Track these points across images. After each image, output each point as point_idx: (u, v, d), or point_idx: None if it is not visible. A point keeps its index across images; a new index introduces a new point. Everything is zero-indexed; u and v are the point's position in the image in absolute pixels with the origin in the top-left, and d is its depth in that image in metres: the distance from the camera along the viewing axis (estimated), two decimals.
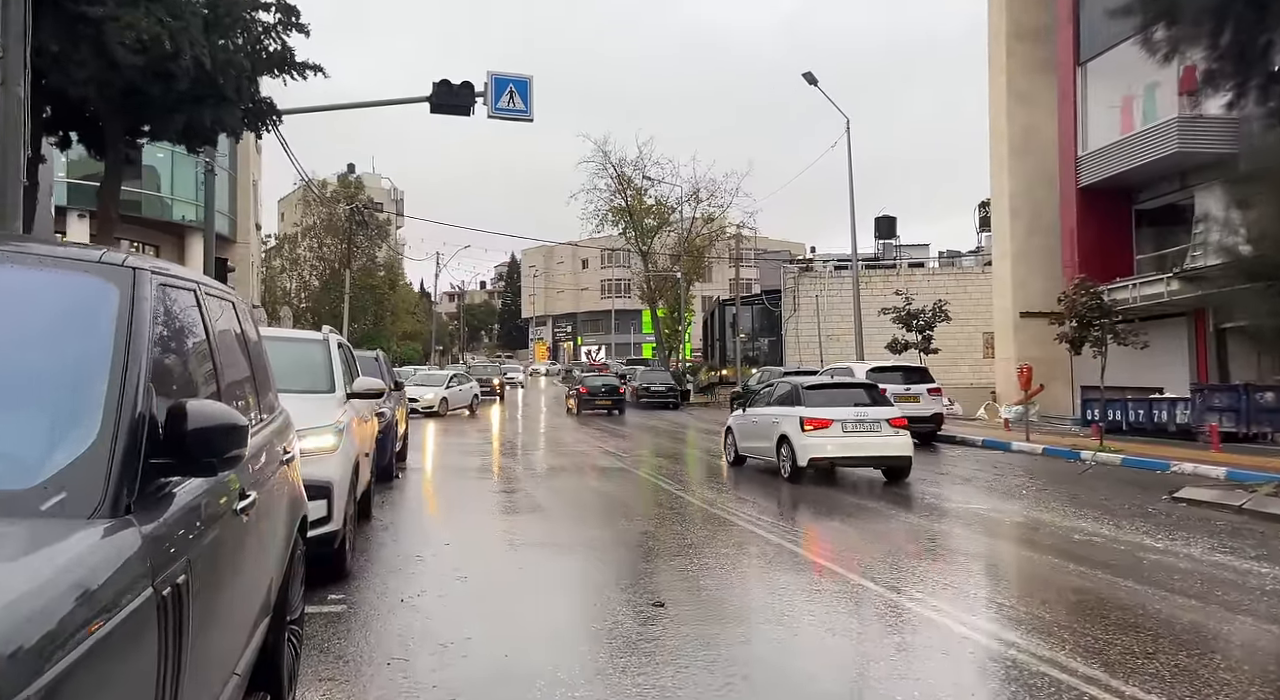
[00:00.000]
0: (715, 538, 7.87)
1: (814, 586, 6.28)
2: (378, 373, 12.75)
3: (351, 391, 7.08)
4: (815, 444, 11.85)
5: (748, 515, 9.03)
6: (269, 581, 3.16)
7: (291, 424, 4.33)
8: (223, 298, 3.36)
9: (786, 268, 37.06)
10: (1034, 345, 26.64)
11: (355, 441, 6.70)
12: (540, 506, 9.96)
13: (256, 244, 41.39)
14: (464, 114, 16.28)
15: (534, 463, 14.99)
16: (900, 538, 8.13)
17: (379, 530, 8.19)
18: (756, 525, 8.47)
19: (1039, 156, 27.00)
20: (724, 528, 8.40)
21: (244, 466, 2.72)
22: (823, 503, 10.25)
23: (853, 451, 12.06)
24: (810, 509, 9.86)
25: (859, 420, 12.14)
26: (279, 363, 7.30)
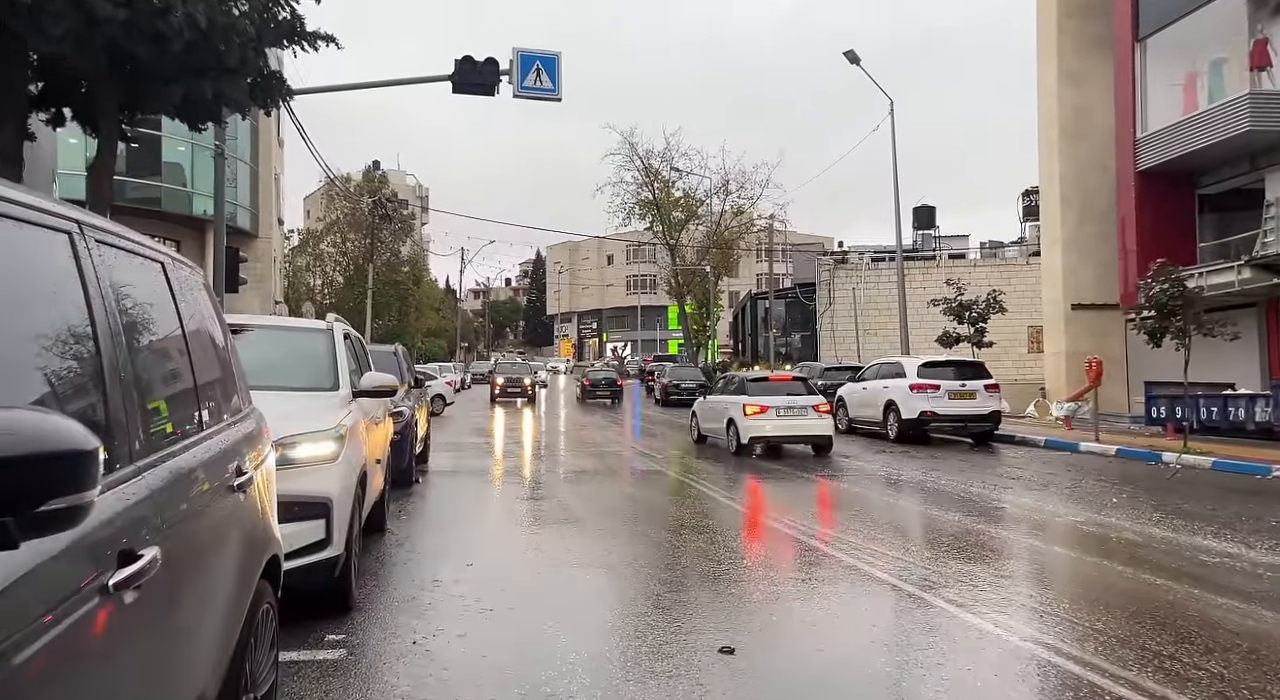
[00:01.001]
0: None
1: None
2: (395, 369, 11.85)
3: (359, 389, 6.08)
4: (755, 425, 14.75)
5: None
6: (200, 675, 2.14)
7: (262, 431, 3.31)
8: (142, 255, 2.35)
9: (821, 260, 35.80)
10: (1086, 338, 25.31)
11: (362, 448, 5.70)
12: (571, 516, 8.94)
13: (279, 239, 40.77)
14: (488, 93, 15.29)
15: (558, 462, 13.99)
16: (1023, 570, 7.01)
17: (393, 547, 7.20)
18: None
19: (1092, 140, 25.61)
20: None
21: (121, 516, 1.70)
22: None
23: (785, 431, 14.91)
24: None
25: (789, 407, 14.94)
26: (274, 356, 6.33)
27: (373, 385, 6.13)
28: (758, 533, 8.11)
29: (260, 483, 3.07)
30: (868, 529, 8.15)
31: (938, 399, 16.33)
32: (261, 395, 5.55)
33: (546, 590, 5.90)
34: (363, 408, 6.14)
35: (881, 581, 6.16)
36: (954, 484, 11.23)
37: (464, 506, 9.70)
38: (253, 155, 35.15)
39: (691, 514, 9.11)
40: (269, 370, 5.94)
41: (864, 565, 6.63)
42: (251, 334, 6.24)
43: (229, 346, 3.29)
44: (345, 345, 6.54)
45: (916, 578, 6.24)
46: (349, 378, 6.10)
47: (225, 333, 3.28)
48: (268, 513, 3.08)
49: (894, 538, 7.77)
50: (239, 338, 6.47)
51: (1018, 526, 8.48)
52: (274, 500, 3.33)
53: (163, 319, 2.37)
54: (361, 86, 14.83)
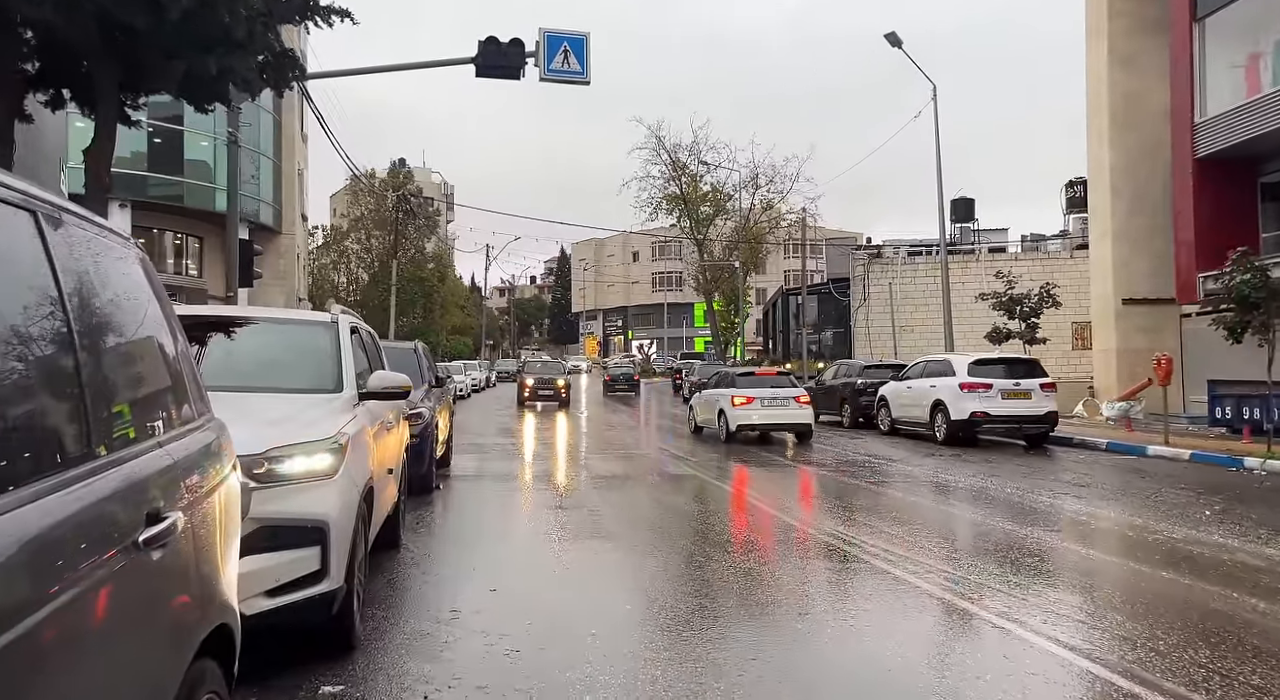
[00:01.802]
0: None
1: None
2: (414, 367, 11.10)
3: (366, 390, 5.29)
4: (742, 414, 16.48)
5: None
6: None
7: (221, 449, 2.52)
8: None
9: (855, 255, 34.72)
10: (1138, 335, 24.12)
11: (368, 458, 4.92)
12: (602, 529, 8.14)
13: (303, 235, 40.37)
14: (513, 77, 14.52)
15: (586, 465, 13.20)
16: (1140, 607, 6.10)
17: (408, 566, 6.42)
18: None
19: (1144, 127, 24.38)
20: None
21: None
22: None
23: (769, 420, 16.64)
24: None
25: (773, 398, 16.64)
26: (269, 353, 5.53)
27: (382, 386, 5.34)
28: (817, 554, 7.25)
29: (210, 520, 2.28)
30: (937, 546, 7.26)
31: (990, 399, 15.35)
32: (250, 399, 4.79)
33: (578, 623, 5.09)
34: (371, 412, 5.36)
35: (981, 619, 5.28)
36: (1020, 492, 10.28)
37: (487, 517, 8.92)
38: (275, 150, 34.72)
39: (736, 526, 8.27)
40: (262, 369, 5.19)
41: (957, 600, 5.76)
42: (243, 328, 5.49)
43: (172, 340, 2.49)
44: (353, 341, 5.77)
45: (1030, 622, 5.36)
46: (355, 378, 5.32)
47: (166, 323, 2.48)
48: (216, 562, 2.28)
49: (970, 558, 6.87)
50: (229, 332, 5.76)
51: (1107, 545, 7.55)
52: (231, 540, 2.54)
53: (25, 294, 1.57)
54: (381, 69, 14.10)
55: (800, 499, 10.09)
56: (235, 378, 4.98)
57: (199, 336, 5.22)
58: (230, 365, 5.09)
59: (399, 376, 5.46)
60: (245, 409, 4.50)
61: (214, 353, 5.16)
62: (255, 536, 3.86)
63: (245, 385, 4.89)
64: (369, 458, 4.93)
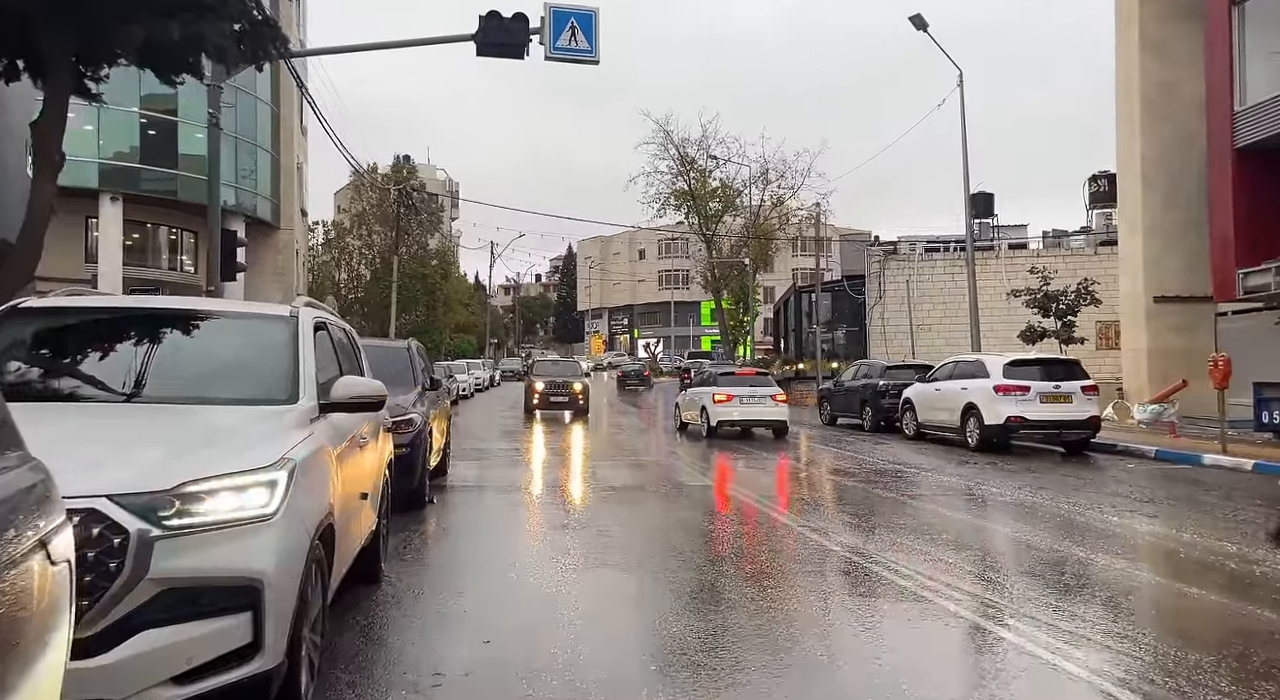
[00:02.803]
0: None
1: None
2: (407, 369, 10.13)
3: (329, 401, 4.29)
4: (723, 411, 17.55)
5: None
6: None
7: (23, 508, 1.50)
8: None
9: (870, 251, 33.64)
10: (1170, 334, 23.03)
11: (328, 487, 3.90)
12: (616, 555, 7.14)
13: (302, 231, 39.40)
14: (517, 55, 13.53)
15: (593, 474, 12.20)
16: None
17: (387, 607, 5.41)
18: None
19: (1178, 116, 23.26)
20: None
21: None
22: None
23: (747, 417, 17.76)
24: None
25: (751, 396, 17.76)
26: (212, 355, 4.46)
27: (349, 396, 4.33)
28: (862, 585, 6.23)
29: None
30: (1004, 579, 6.23)
31: (1027, 403, 14.29)
32: (172, 414, 3.78)
33: (590, 688, 4.08)
34: (336, 427, 4.35)
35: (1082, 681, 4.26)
36: (1078, 509, 9.24)
37: (484, 539, 7.90)
38: (273, 143, 33.75)
39: (771, 553, 7.26)
40: (197, 375, 4.20)
41: (1058, 660, 4.74)
42: (177, 324, 4.49)
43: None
44: (319, 339, 4.76)
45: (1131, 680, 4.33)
46: (316, 385, 4.31)
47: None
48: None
49: (1045, 595, 5.84)
50: (160, 329, 4.74)
51: (1209, 581, 6.50)
52: (28, 654, 1.53)
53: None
54: (375, 47, 13.12)
55: (837, 518, 9.06)
56: (160, 386, 3.99)
57: (117, 334, 4.22)
58: (155, 370, 4.09)
59: (370, 384, 4.46)
60: (162, 428, 3.49)
61: (135, 355, 4.16)
62: (159, 603, 2.88)
63: (170, 396, 3.89)
64: (329, 486, 3.92)
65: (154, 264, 31.05)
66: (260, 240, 32.86)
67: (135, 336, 4.38)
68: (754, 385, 18.32)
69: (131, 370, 3.98)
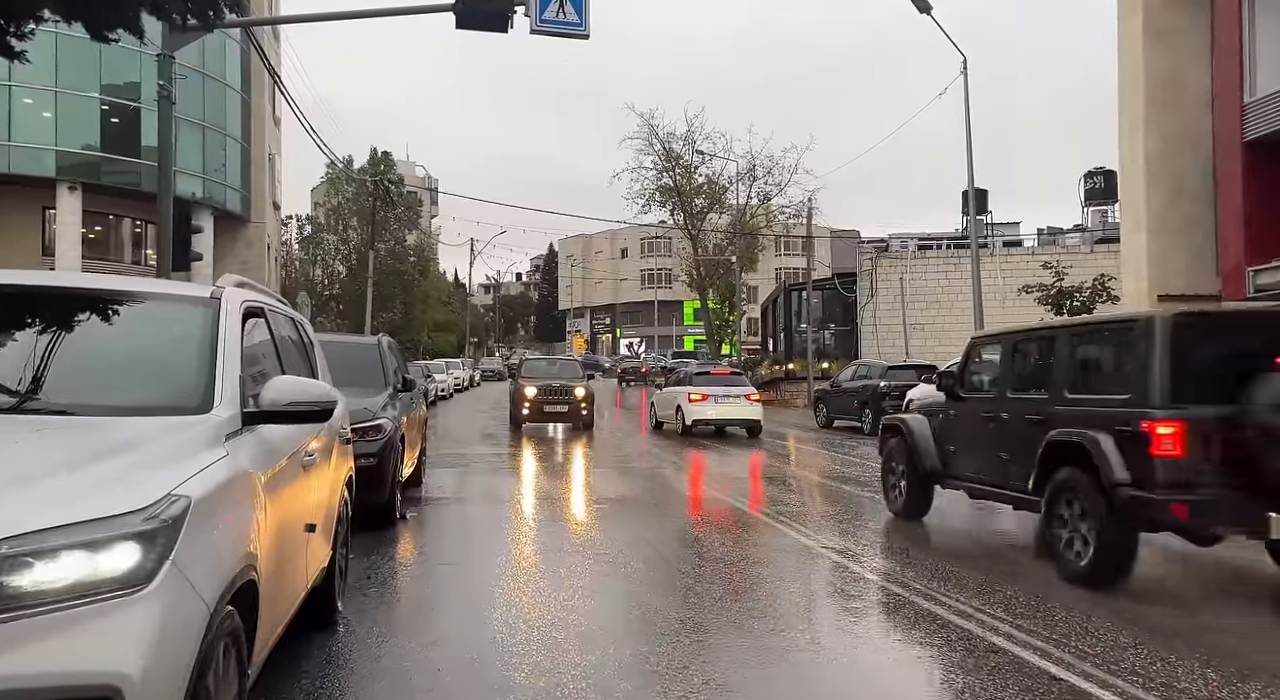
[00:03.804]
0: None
1: None
2: (377, 368, 9.05)
3: (257, 409, 3.22)
4: (698, 410, 17.56)
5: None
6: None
7: None
8: None
9: (862, 249, 32.81)
10: None
11: (250, 530, 2.85)
12: (612, 581, 6.11)
13: (274, 225, 38.02)
14: (500, 28, 12.44)
15: (583, 482, 11.17)
16: None
17: (336, 666, 4.33)
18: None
19: (1183, 109, 22.49)
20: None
21: None
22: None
23: (722, 416, 17.89)
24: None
25: (726, 395, 17.87)
26: (94, 348, 3.35)
27: (285, 402, 3.26)
28: (901, 616, 5.24)
29: None
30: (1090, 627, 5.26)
31: None
32: (29, 429, 2.70)
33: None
34: (266, 444, 3.29)
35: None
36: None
37: (461, 567, 6.81)
38: (243, 132, 32.42)
39: (803, 587, 6.25)
40: (75, 376, 3.12)
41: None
42: (56, 306, 3.39)
43: None
44: (250, 330, 3.69)
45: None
46: (240, 390, 3.24)
47: None
48: None
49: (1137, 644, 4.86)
50: (34, 313, 3.64)
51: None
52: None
53: None
54: (347, 16, 12.01)
55: (865, 539, 8.07)
56: (9, 392, 2.90)
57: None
58: (4, 369, 3.00)
59: (312, 387, 3.38)
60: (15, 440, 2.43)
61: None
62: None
63: (24, 404, 2.82)
64: (250, 526, 2.86)
65: (116, 257, 29.64)
66: (229, 233, 31.55)
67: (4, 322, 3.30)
68: (728, 385, 18.52)
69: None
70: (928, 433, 8.44)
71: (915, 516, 8.62)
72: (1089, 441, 6.05)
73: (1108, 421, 6.06)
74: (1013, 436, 7.11)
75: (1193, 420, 5.70)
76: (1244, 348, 5.87)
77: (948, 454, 8.16)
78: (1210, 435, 5.72)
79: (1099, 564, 5.94)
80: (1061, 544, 6.27)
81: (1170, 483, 5.66)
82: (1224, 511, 5.72)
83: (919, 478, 8.40)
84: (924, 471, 8.33)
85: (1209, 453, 5.72)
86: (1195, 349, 5.93)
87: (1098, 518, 5.94)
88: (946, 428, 8.26)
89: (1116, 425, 5.97)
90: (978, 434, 7.72)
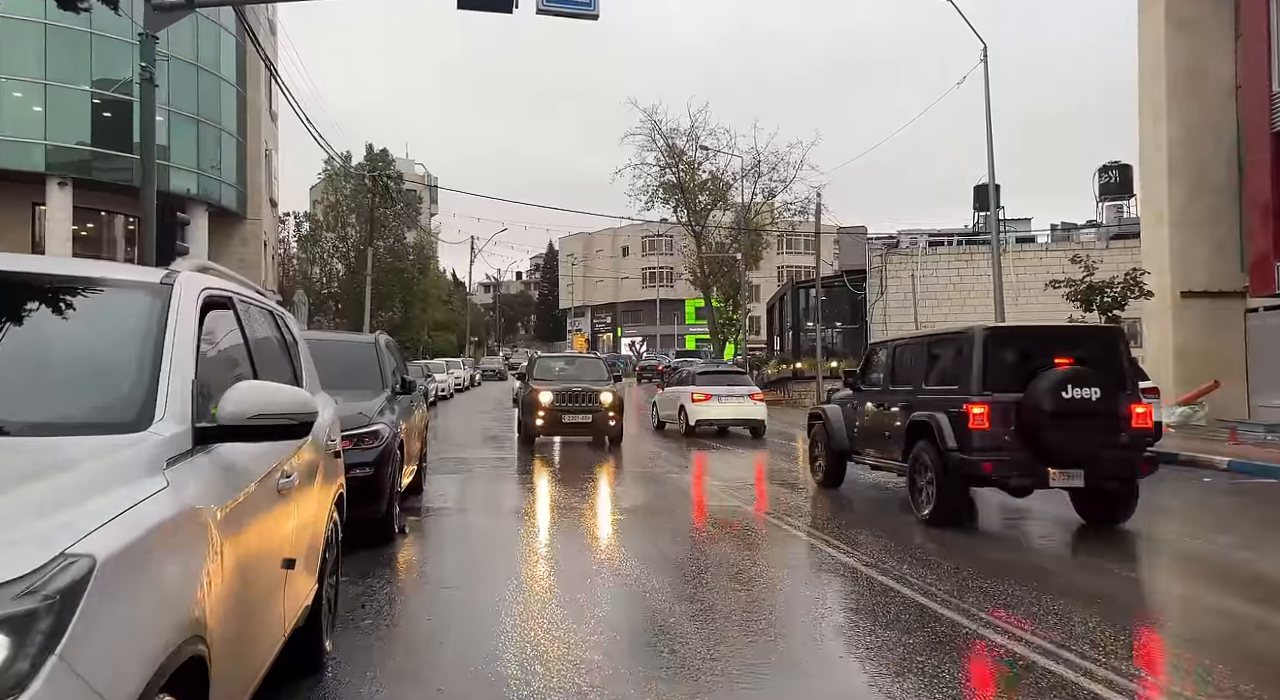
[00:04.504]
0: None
1: None
2: (374, 369, 8.38)
3: (214, 424, 2.52)
4: (701, 410, 17.04)
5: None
6: None
7: None
8: None
9: (871, 245, 32.11)
10: (1198, 332, 21.58)
11: (191, 590, 2.15)
12: (645, 623, 5.42)
13: (271, 222, 37.29)
14: (504, 9, 11.80)
15: (600, 490, 10.48)
16: None
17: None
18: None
19: (1205, 98, 21.86)
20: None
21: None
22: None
23: (726, 416, 17.44)
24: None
25: (730, 395, 17.46)
26: (5, 345, 2.77)
27: (250, 414, 2.55)
28: (968, 652, 4.56)
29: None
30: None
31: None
32: None
33: None
34: (225, 467, 2.59)
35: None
36: (1229, 551, 7.63)
37: (465, 591, 6.11)
38: (239, 126, 31.69)
39: (862, 620, 5.56)
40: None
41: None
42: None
43: None
44: (211, 325, 2.99)
45: None
46: (192, 398, 2.54)
47: None
48: None
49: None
50: None
51: None
52: None
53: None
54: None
55: (914, 557, 7.39)
56: None
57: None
58: None
59: (285, 394, 2.68)
60: None
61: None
62: None
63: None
64: (197, 582, 2.17)
65: (109, 255, 28.89)
66: (224, 231, 30.85)
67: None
68: (732, 384, 18.27)
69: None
70: (840, 418, 10.42)
71: (833, 486, 10.55)
72: (933, 420, 8.09)
73: (945, 405, 8.10)
74: (892, 420, 9.11)
75: (995, 403, 7.75)
76: (1033, 352, 7.94)
77: (854, 435, 10.16)
78: (1008, 414, 7.74)
79: (938, 510, 7.97)
80: (917, 497, 8.34)
81: (982, 448, 7.73)
82: (1018, 468, 7.76)
83: (834, 455, 10.46)
84: (838, 450, 10.38)
85: (1007, 426, 7.73)
86: (1001, 353, 7.99)
87: (938, 475, 7.95)
88: (852, 415, 10.25)
89: (950, 407, 7.99)
90: (871, 419, 9.75)
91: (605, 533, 8.22)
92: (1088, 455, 7.58)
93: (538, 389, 15.60)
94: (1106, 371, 7.78)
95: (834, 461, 10.46)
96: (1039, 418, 7.52)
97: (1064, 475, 7.66)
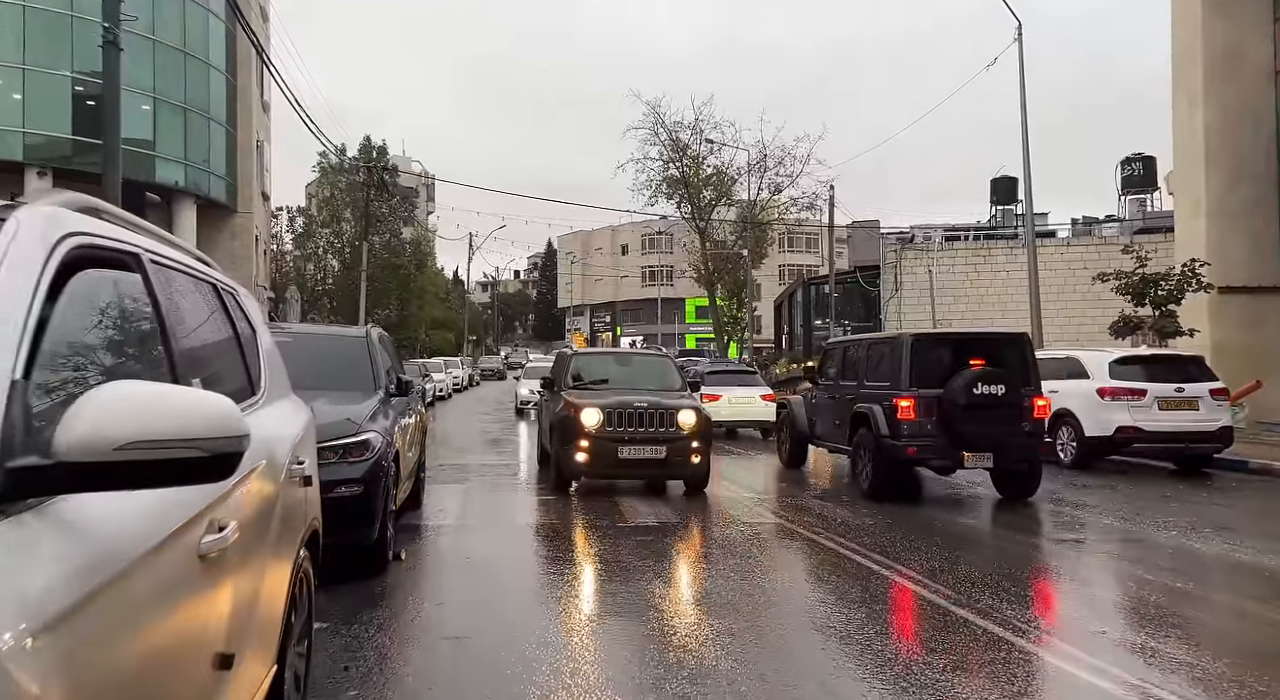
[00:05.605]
0: None
1: None
2: (365, 367, 7.26)
3: (43, 462, 1.35)
4: (710, 411, 15.69)
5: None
6: None
7: None
8: None
9: (886, 239, 30.99)
10: (1237, 328, 20.46)
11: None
12: (691, 664, 4.28)
13: (263, 216, 36.07)
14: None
15: (616, 499, 9.33)
16: None
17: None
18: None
19: (1244, 83, 20.78)
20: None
21: None
22: None
23: (736, 417, 17.03)
24: None
25: (740, 395, 17.15)
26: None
27: (117, 443, 1.42)
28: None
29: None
30: None
31: (1143, 410, 11.60)
32: None
33: None
34: (74, 540, 1.43)
35: None
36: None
37: (472, 643, 4.95)
38: (229, 116, 30.51)
39: (908, 636, 4.44)
40: None
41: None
42: None
43: None
44: (65, 294, 1.83)
45: None
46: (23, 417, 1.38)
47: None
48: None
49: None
50: None
51: None
52: None
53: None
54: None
55: (965, 575, 6.27)
56: None
57: None
58: None
59: (189, 404, 1.53)
60: None
61: None
62: None
63: None
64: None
65: None
66: (213, 224, 29.69)
67: None
68: (742, 384, 17.98)
69: None
70: (803, 409, 12.19)
71: (795, 466, 12.45)
72: (870, 411, 9.62)
73: (880, 398, 9.58)
74: (842, 410, 10.56)
75: (919, 397, 9.22)
76: (952, 354, 9.42)
77: (813, 423, 11.84)
78: (930, 406, 9.18)
79: (874, 485, 9.55)
80: (858, 475, 10.01)
81: (907, 434, 9.21)
82: (938, 452, 9.31)
83: (796, 440, 12.32)
84: (799, 436, 12.21)
85: (929, 417, 9.18)
86: (926, 354, 9.48)
87: (874, 457, 9.54)
88: (811, 406, 11.95)
89: (884, 400, 9.48)
90: (826, 409, 11.33)
91: (627, 561, 7.06)
92: (996, 441, 9.07)
93: (579, 404, 9.73)
94: (1013, 371, 9.24)
95: (796, 445, 12.27)
96: (954, 409, 8.94)
97: (977, 457, 9.16)
